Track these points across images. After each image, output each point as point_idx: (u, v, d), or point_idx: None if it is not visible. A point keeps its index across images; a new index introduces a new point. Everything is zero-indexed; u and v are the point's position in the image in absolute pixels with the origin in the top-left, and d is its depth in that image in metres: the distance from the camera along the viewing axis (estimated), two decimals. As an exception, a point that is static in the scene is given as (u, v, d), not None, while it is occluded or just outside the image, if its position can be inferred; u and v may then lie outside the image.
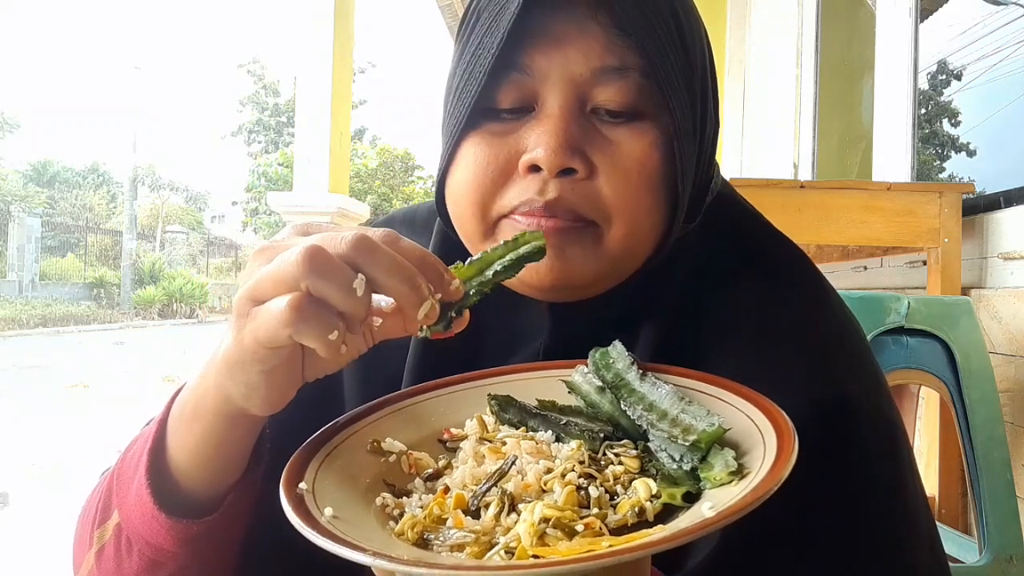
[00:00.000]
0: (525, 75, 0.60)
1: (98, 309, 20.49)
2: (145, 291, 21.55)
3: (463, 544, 0.44)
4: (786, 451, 0.44)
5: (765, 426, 0.48)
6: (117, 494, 0.58)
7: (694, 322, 0.64)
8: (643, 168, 0.60)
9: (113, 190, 34.05)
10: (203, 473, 0.55)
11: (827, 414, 0.59)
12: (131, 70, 29.86)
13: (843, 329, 0.67)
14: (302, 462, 0.51)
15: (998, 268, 2.15)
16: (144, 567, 0.57)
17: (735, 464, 0.46)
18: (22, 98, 64.28)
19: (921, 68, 3.21)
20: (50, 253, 24.10)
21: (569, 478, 0.47)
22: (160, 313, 21.20)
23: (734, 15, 4.93)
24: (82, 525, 0.62)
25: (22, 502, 4.11)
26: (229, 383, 0.49)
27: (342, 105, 4.15)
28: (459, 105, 0.62)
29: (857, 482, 0.59)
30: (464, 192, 0.62)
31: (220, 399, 0.51)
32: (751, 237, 0.71)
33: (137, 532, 0.56)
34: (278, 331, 0.45)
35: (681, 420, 0.50)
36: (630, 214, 0.60)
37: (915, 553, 0.60)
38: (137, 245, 24.41)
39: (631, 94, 0.60)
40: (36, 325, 16.41)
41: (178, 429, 0.55)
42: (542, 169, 0.59)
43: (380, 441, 0.55)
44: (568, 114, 0.60)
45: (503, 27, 0.58)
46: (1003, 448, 1.68)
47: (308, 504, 0.46)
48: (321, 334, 0.45)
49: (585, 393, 0.56)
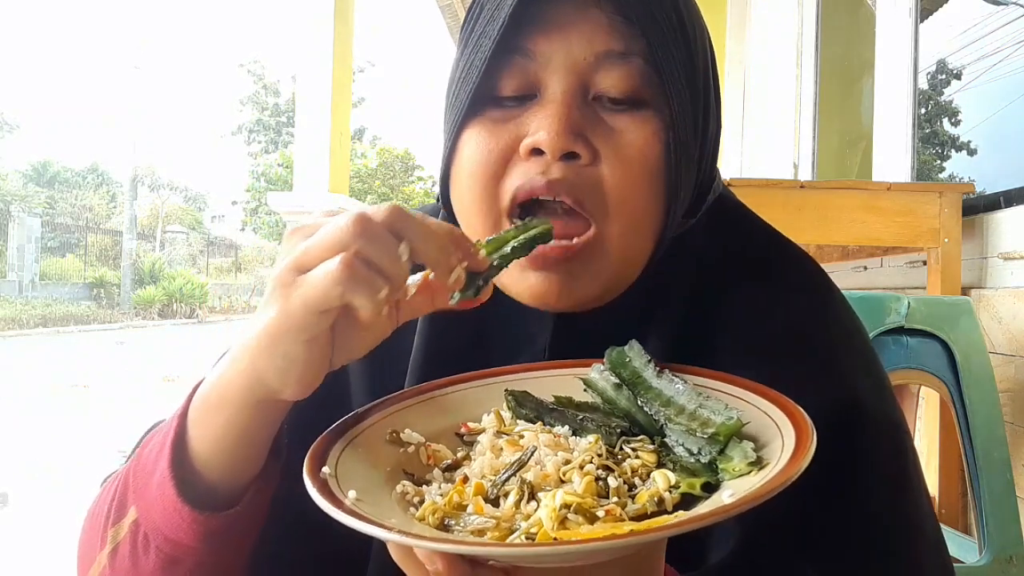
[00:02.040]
0: (528, 59, 0.60)
1: (98, 309, 20.49)
2: (145, 291, 21.55)
3: (484, 529, 0.44)
4: (804, 443, 0.44)
5: (783, 421, 0.48)
6: (134, 491, 0.57)
7: (701, 327, 0.64)
8: (644, 157, 0.60)
9: (113, 190, 34.03)
10: (227, 464, 0.55)
11: (834, 416, 0.59)
12: (131, 70, 29.86)
13: (849, 332, 0.67)
14: (324, 448, 0.52)
15: (998, 268, 2.15)
16: (161, 564, 0.56)
17: (754, 455, 0.46)
18: (22, 98, 64.34)
19: (921, 68, 3.21)
20: (50, 253, 24.10)
21: (588, 469, 0.48)
22: (160, 313, 21.19)
23: (734, 15, 4.93)
24: (90, 528, 0.62)
25: (22, 502, 4.11)
26: (266, 360, 0.50)
27: (342, 105, 4.15)
28: (461, 93, 0.62)
29: (864, 483, 0.59)
30: (468, 180, 0.62)
31: (251, 382, 0.51)
32: (755, 240, 0.71)
33: (156, 528, 0.56)
34: (330, 290, 0.46)
35: (699, 415, 0.51)
36: (629, 207, 0.60)
37: (921, 554, 0.60)
38: (137, 245, 24.41)
39: (634, 80, 0.60)
40: (36, 325, 16.41)
41: (202, 420, 0.55)
42: (544, 153, 0.59)
43: (399, 432, 0.56)
44: (571, 99, 0.60)
45: (504, 12, 0.59)
46: (1003, 448, 1.68)
47: (332, 487, 0.47)
48: (371, 292, 0.47)
49: (602, 390, 0.56)
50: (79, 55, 78.70)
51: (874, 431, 0.61)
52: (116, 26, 72.09)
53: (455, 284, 0.51)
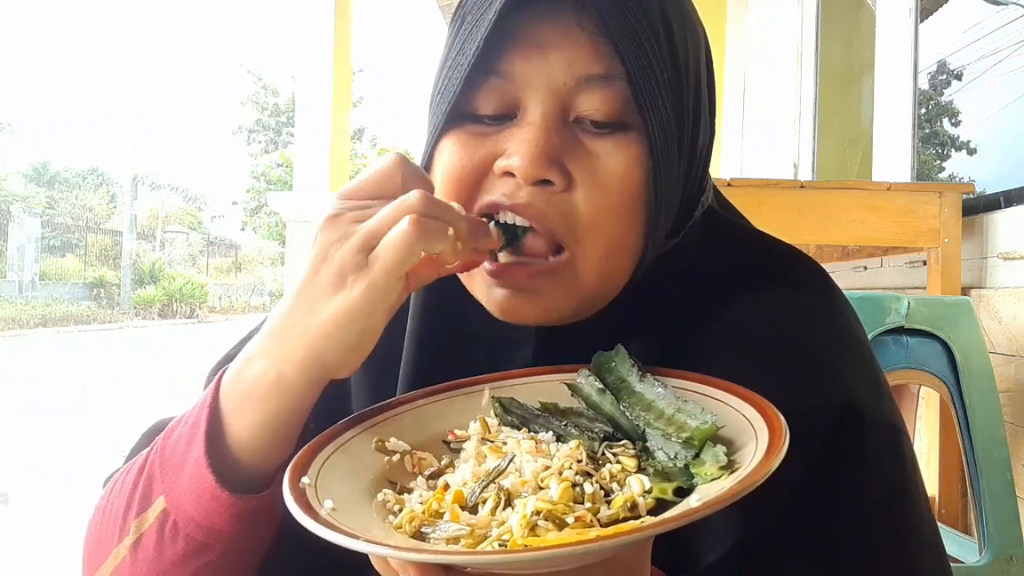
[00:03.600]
0: (506, 81, 0.59)
1: (98, 309, 20.49)
2: (145, 291, 21.56)
3: (458, 537, 0.45)
4: (775, 445, 0.45)
5: (759, 423, 0.49)
6: (162, 481, 0.58)
7: (688, 337, 0.64)
8: (624, 184, 0.59)
9: (113, 190, 34.01)
10: (265, 448, 0.57)
11: (831, 419, 0.59)
12: (131, 69, 29.86)
13: (845, 333, 0.66)
14: (308, 457, 0.53)
15: (998, 268, 2.15)
16: (189, 552, 0.57)
17: (724, 459, 0.47)
18: (22, 98, 64.36)
19: (921, 68, 3.21)
20: (50, 253, 24.11)
21: (566, 475, 0.48)
22: (160, 313, 21.19)
23: (734, 15, 4.93)
24: (104, 522, 0.62)
25: (22, 502, 4.12)
26: (333, 341, 0.53)
27: (342, 105, 4.15)
28: (438, 109, 0.61)
29: (861, 486, 0.59)
30: (442, 190, 0.62)
31: (308, 365, 0.54)
32: (747, 251, 0.70)
33: (187, 515, 0.57)
34: (412, 246, 0.51)
35: (676, 419, 0.51)
36: (604, 233, 0.59)
37: (920, 559, 0.60)
38: (137, 245, 24.42)
39: (616, 104, 0.58)
40: (36, 325, 16.42)
41: (241, 408, 0.56)
42: (516, 176, 0.58)
43: (385, 440, 0.56)
44: (549, 123, 0.58)
45: (481, 32, 0.57)
46: (1003, 448, 1.68)
47: (309, 497, 0.48)
48: (444, 235, 0.52)
49: (586, 395, 0.57)
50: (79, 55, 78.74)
51: (871, 433, 0.60)
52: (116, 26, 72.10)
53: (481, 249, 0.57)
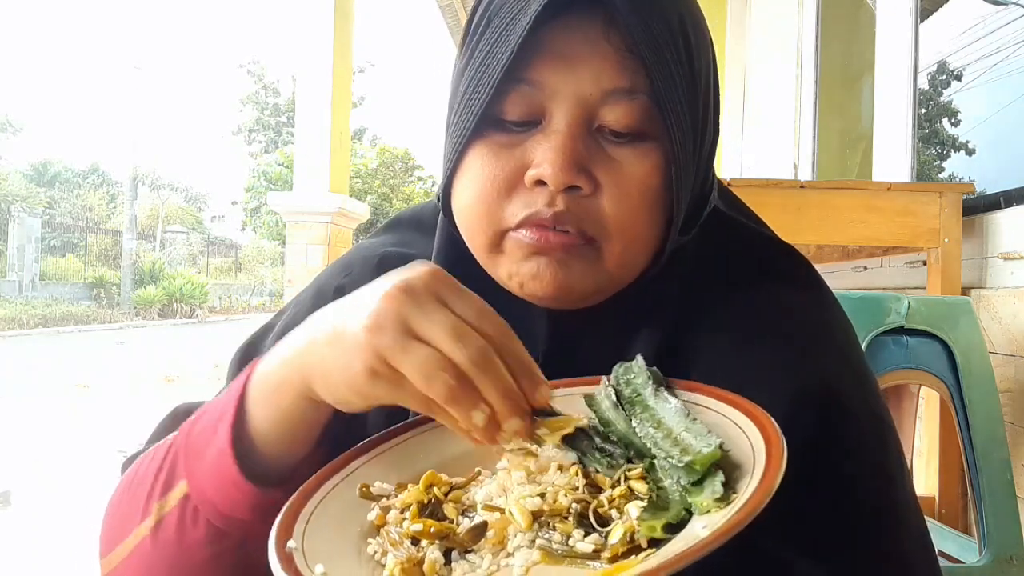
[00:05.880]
0: (534, 89, 0.61)
1: (98, 309, 20.48)
2: (145, 291, 21.53)
3: None
4: (770, 475, 0.44)
5: (760, 446, 0.47)
6: (185, 466, 0.60)
7: (691, 327, 0.66)
8: (644, 189, 0.62)
9: (113, 190, 34.02)
10: (288, 442, 0.58)
11: (810, 405, 0.60)
12: (131, 70, 29.87)
13: (831, 325, 0.68)
14: (290, 518, 0.51)
15: (998, 268, 2.15)
16: (209, 537, 0.59)
17: (721, 491, 0.46)
18: (22, 98, 64.30)
19: (921, 68, 3.21)
20: (50, 253, 24.10)
21: (560, 502, 0.48)
22: (160, 313, 21.18)
23: (734, 15, 4.94)
24: (126, 502, 0.63)
25: (23, 501, 4.12)
26: (346, 395, 0.53)
27: (342, 105, 4.15)
28: (466, 113, 0.62)
29: (843, 472, 0.60)
30: (472, 204, 0.63)
31: (331, 391, 0.54)
32: (746, 246, 0.72)
33: (208, 501, 0.58)
34: (428, 405, 0.50)
35: (682, 439, 0.50)
36: (628, 232, 0.62)
37: (904, 543, 0.61)
38: (137, 245, 24.39)
39: (638, 116, 0.61)
40: (36, 325, 16.41)
41: (266, 400, 0.57)
42: (548, 184, 0.60)
43: (369, 485, 0.55)
44: (575, 132, 0.60)
45: (513, 42, 0.59)
46: (1003, 448, 1.68)
47: (298, 563, 0.47)
48: (469, 414, 0.50)
49: (602, 411, 0.56)
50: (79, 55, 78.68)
51: (853, 420, 0.62)
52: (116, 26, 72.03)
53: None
